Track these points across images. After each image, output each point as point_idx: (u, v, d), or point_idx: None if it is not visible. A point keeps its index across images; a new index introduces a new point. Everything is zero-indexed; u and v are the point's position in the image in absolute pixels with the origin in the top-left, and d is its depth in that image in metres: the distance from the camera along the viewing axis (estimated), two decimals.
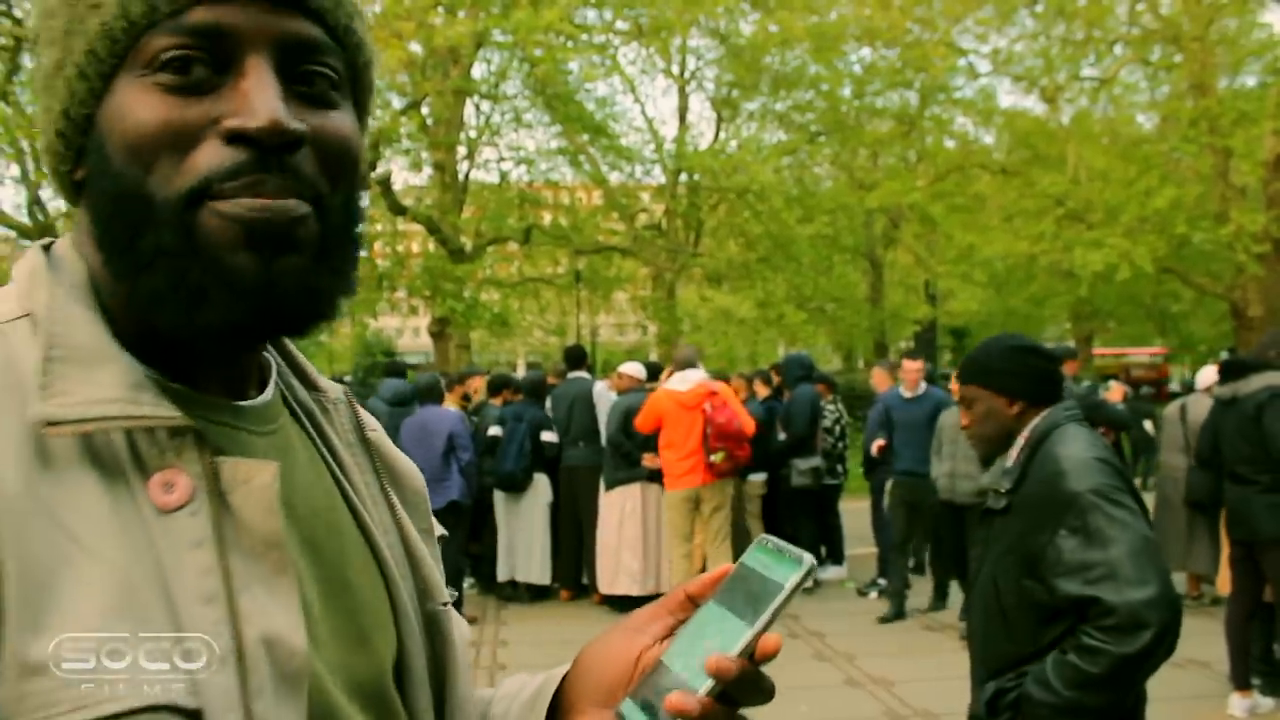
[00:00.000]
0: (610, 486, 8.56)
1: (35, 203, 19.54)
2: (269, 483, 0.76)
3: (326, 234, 0.80)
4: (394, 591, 0.92)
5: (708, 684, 0.80)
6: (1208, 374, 8.45)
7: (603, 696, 0.91)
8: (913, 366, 8.61)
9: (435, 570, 0.98)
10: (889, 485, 8.90)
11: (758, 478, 9.22)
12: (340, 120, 0.82)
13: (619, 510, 8.50)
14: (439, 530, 1.06)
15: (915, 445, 8.34)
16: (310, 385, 0.99)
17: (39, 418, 0.70)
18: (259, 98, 0.74)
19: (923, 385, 8.60)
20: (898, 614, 8.19)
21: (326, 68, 0.81)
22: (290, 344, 0.99)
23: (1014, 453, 2.76)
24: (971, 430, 2.86)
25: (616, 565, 8.52)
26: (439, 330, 19.14)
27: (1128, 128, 22.07)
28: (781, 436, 9.10)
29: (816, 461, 9.01)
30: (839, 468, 9.56)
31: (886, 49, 21.87)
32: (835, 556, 9.63)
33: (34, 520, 0.67)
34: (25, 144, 17.94)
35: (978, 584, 2.81)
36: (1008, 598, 2.62)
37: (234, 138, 0.74)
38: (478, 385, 10.27)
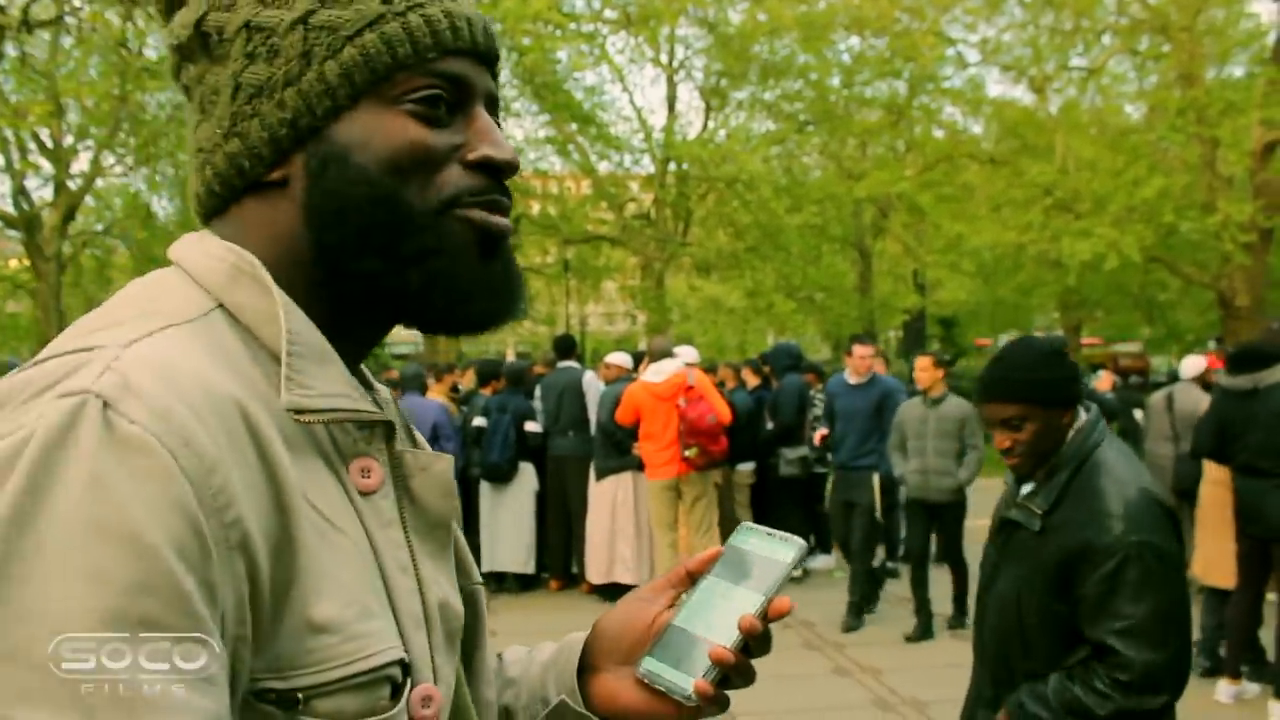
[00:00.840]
0: (601, 476, 8.57)
1: (20, 192, 19.44)
2: (445, 470, 0.92)
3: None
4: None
5: (735, 638, 0.97)
6: (1193, 363, 8.43)
7: (622, 656, 1.07)
8: (864, 352, 8.21)
9: (468, 550, 1.08)
10: (830, 480, 8.64)
11: (746, 467, 9.24)
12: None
13: (610, 499, 8.51)
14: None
15: (856, 436, 8.04)
16: (367, 385, 1.05)
17: (291, 405, 0.80)
18: (498, 136, 0.93)
19: (871, 373, 8.25)
20: (853, 626, 7.76)
21: (497, 105, 0.98)
22: None
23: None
24: (1020, 450, 2.58)
25: (610, 555, 8.52)
26: None
27: (1116, 118, 22.11)
28: (770, 426, 9.11)
29: (804, 451, 9.02)
30: (827, 457, 9.55)
31: (875, 38, 21.87)
32: (823, 546, 9.65)
33: (304, 505, 0.78)
34: (10, 133, 17.84)
35: (992, 596, 2.70)
36: (1030, 616, 2.53)
37: (480, 165, 0.91)
38: (467, 376, 10.27)
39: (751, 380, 10.13)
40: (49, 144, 18.89)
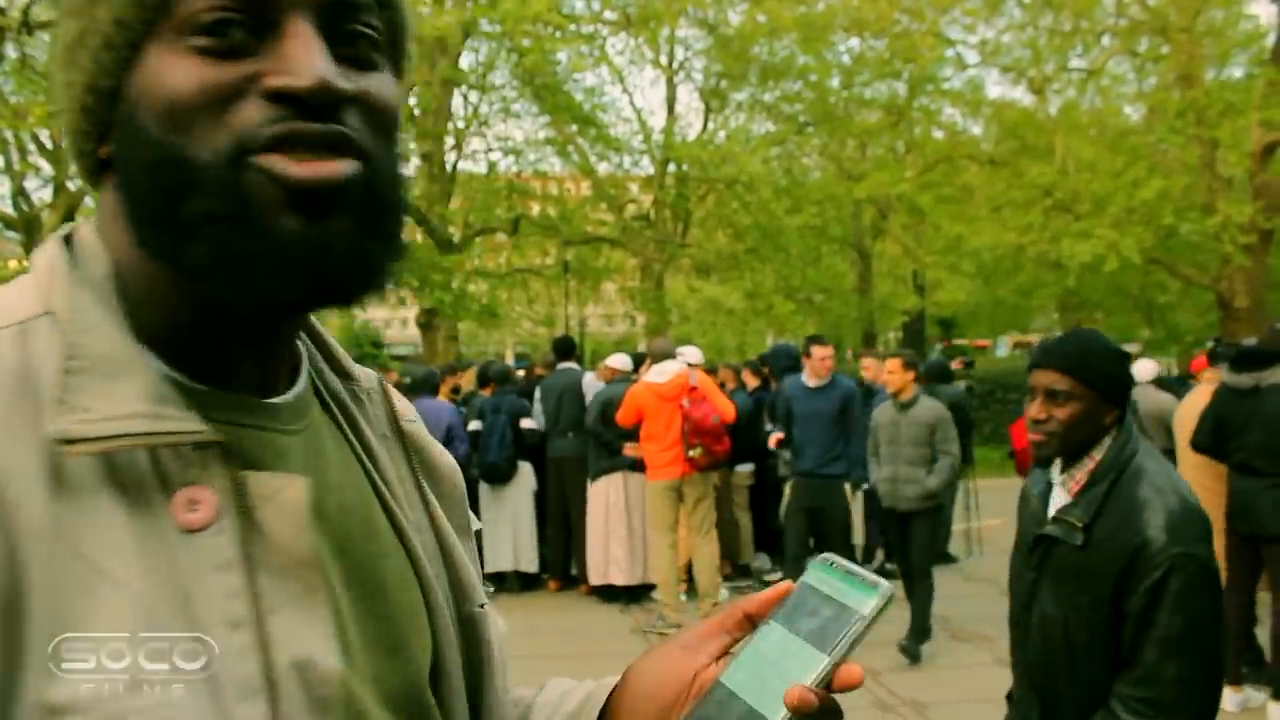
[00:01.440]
0: (594, 477, 8.58)
1: (19, 193, 19.44)
2: (298, 498, 0.73)
3: (374, 198, 0.76)
4: (429, 594, 0.88)
5: (783, 714, 0.76)
6: (1146, 367, 8.72)
7: (654, 717, 0.87)
8: (823, 353, 7.85)
9: (472, 570, 0.95)
10: (788, 486, 8.29)
11: (745, 468, 9.24)
12: (384, 82, 0.79)
13: (604, 501, 8.52)
14: (475, 524, 1.02)
15: (820, 442, 7.72)
16: (343, 374, 0.94)
17: (57, 435, 0.66)
18: (304, 57, 0.71)
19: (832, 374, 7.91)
20: None
21: (369, 28, 0.77)
22: (323, 330, 0.94)
23: (1080, 475, 2.52)
24: (1052, 428, 2.50)
25: (606, 556, 8.53)
26: (427, 321, 19.11)
27: (1115, 119, 22.10)
28: (769, 427, 9.11)
29: None
30: None
31: (874, 39, 21.87)
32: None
33: (56, 549, 0.64)
34: (9, 134, 17.84)
35: (1035, 616, 2.58)
36: (1078, 635, 2.43)
37: (277, 97, 0.71)
38: (467, 376, 10.31)
39: (751, 382, 10.13)
40: (49, 145, 18.87)
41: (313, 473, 0.79)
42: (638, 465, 8.25)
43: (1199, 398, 6.53)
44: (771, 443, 8.56)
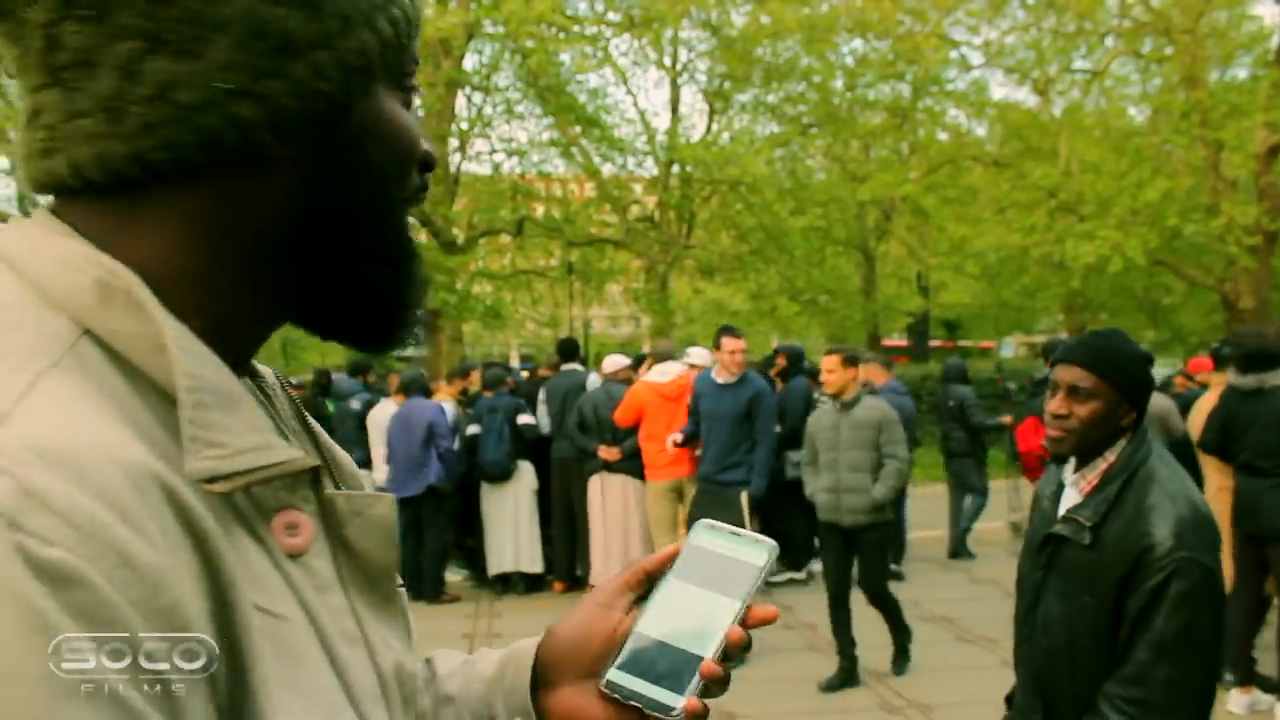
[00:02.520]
0: (586, 476, 8.62)
1: (25, 197, 19.47)
2: (386, 514, 0.76)
3: None
4: None
5: (716, 648, 0.87)
6: None
7: (583, 669, 0.93)
8: (734, 345, 7.14)
9: None
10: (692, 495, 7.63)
11: None
12: None
13: (599, 501, 8.54)
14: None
15: (720, 445, 7.12)
16: (251, 372, 0.88)
17: (201, 474, 0.63)
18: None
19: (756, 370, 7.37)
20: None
21: None
22: None
23: (1093, 476, 2.51)
24: (1071, 424, 2.49)
25: (605, 557, 8.54)
26: (431, 323, 19.12)
27: (1119, 120, 22.12)
28: (777, 429, 9.09)
29: None
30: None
31: (878, 41, 21.88)
32: None
33: (244, 593, 0.63)
34: (14, 135, 17.89)
35: (1039, 616, 2.58)
36: (1081, 637, 2.43)
37: (425, 165, 0.82)
38: (473, 378, 10.34)
39: None
40: None
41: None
42: (614, 467, 8.27)
43: (1211, 399, 6.54)
44: (669, 445, 7.74)
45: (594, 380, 9.31)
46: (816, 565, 9.44)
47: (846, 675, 6.51)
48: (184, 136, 0.67)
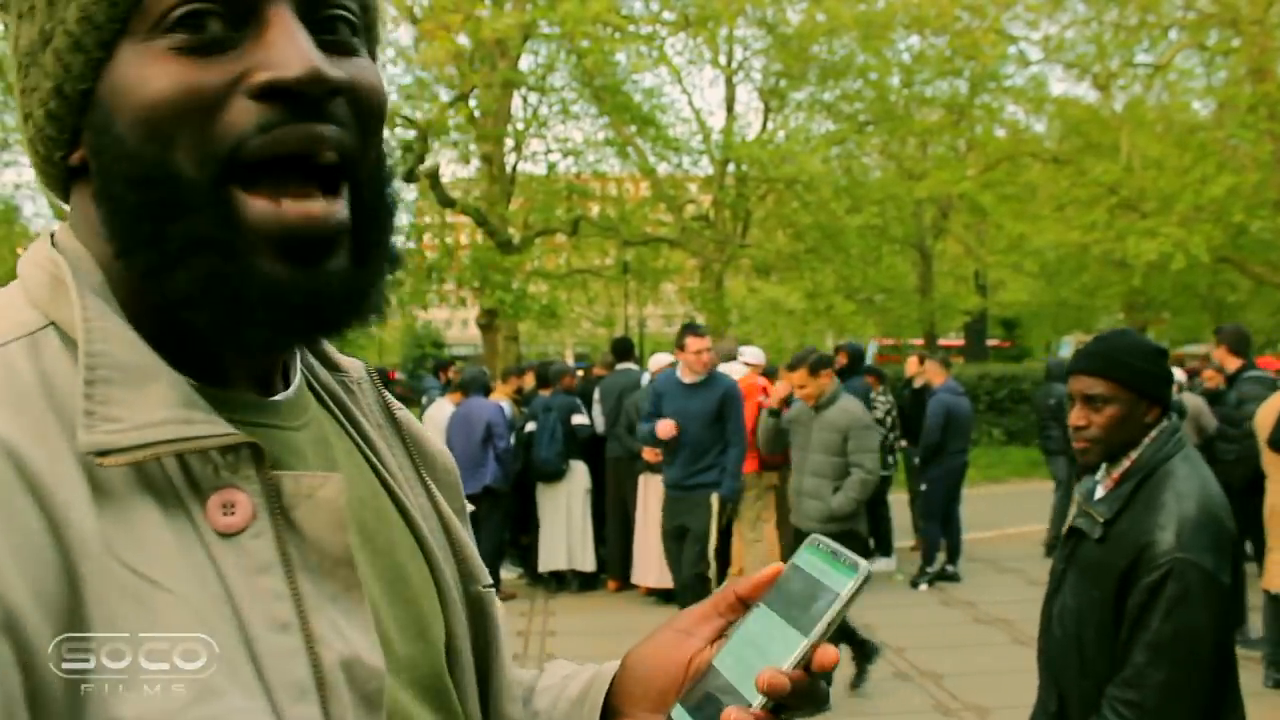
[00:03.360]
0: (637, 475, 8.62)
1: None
2: (334, 496, 0.72)
3: (365, 218, 0.75)
4: (439, 576, 0.88)
5: (759, 699, 0.79)
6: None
7: (653, 701, 0.90)
8: (698, 344, 6.76)
9: (475, 551, 0.94)
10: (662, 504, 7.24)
11: None
12: (369, 68, 0.76)
13: (643, 500, 8.55)
14: (469, 508, 1.02)
15: (691, 448, 6.71)
16: (331, 366, 0.93)
17: (90, 448, 0.64)
18: (291, 46, 0.68)
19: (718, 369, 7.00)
20: None
21: (347, 11, 0.74)
22: None
23: (1116, 473, 2.52)
24: (1093, 433, 2.50)
25: (645, 556, 8.56)
26: (487, 322, 19.24)
27: (1183, 114, 21.72)
28: None
29: None
30: (889, 459, 9.47)
31: (935, 37, 21.68)
32: (885, 549, 9.58)
33: (108, 563, 0.62)
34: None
35: (1056, 605, 2.61)
36: (1088, 630, 2.46)
37: (266, 92, 0.68)
38: (528, 377, 10.41)
39: None
40: None
41: (325, 465, 0.80)
42: (654, 468, 7.83)
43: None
44: (648, 456, 7.46)
45: (647, 379, 9.34)
46: (875, 565, 9.39)
47: (863, 663, 6.13)
48: (33, 160, 0.75)
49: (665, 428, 6.73)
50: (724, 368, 7.98)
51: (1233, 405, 7.04)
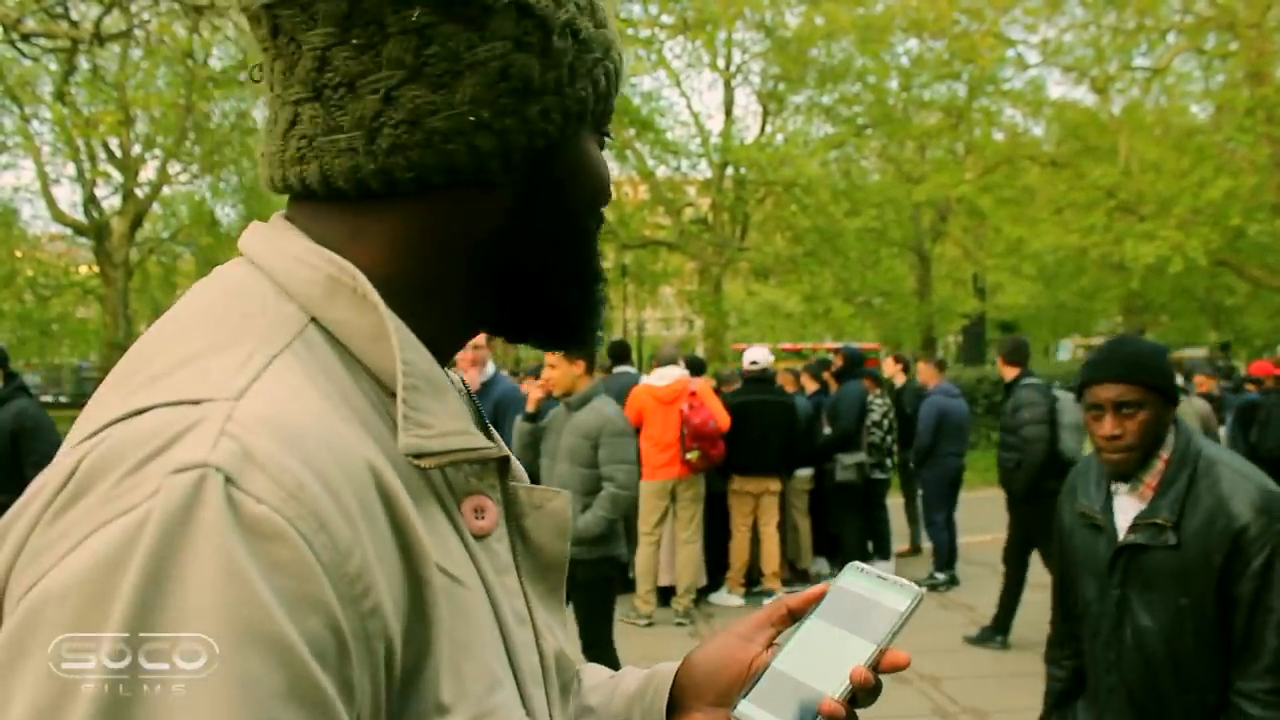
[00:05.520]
0: None
1: (90, 201, 19.89)
2: (563, 508, 0.84)
3: None
4: None
5: (845, 688, 0.89)
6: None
7: (716, 697, 0.97)
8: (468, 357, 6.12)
9: None
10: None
11: (804, 473, 9.19)
12: None
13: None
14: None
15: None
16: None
17: (411, 449, 0.70)
18: None
19: (490, 369, 6.35)
20: None
21: None
22: None
23: (1151, 478, 2.43)
24: (1129, 442, 2.40)
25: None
26: None
27: (1181, 118, 21.76)
28: (828, 431, 9.07)
29: (861, 456, 8.95)
30: (886, 462, 9.46)
31: (934, 40, 21.73)
32: (882, 552, 9.58)
33: (434, 571, 0.69)
34: (81, 143, 18.27)
35: (1127, 632, 2.46)
36: (1183, 641, 2.35)
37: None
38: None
39: (810, 386, 10.09)
40: (118, 153, 19.25)
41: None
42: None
43: None
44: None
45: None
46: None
47: None
48: (428, 159, 0.75)
49: None
50: (661, 372, 8.07)
51: (1009, 413, 7.15)
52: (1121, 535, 2.46)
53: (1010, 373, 7.39)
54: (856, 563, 1.00)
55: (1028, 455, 6.75)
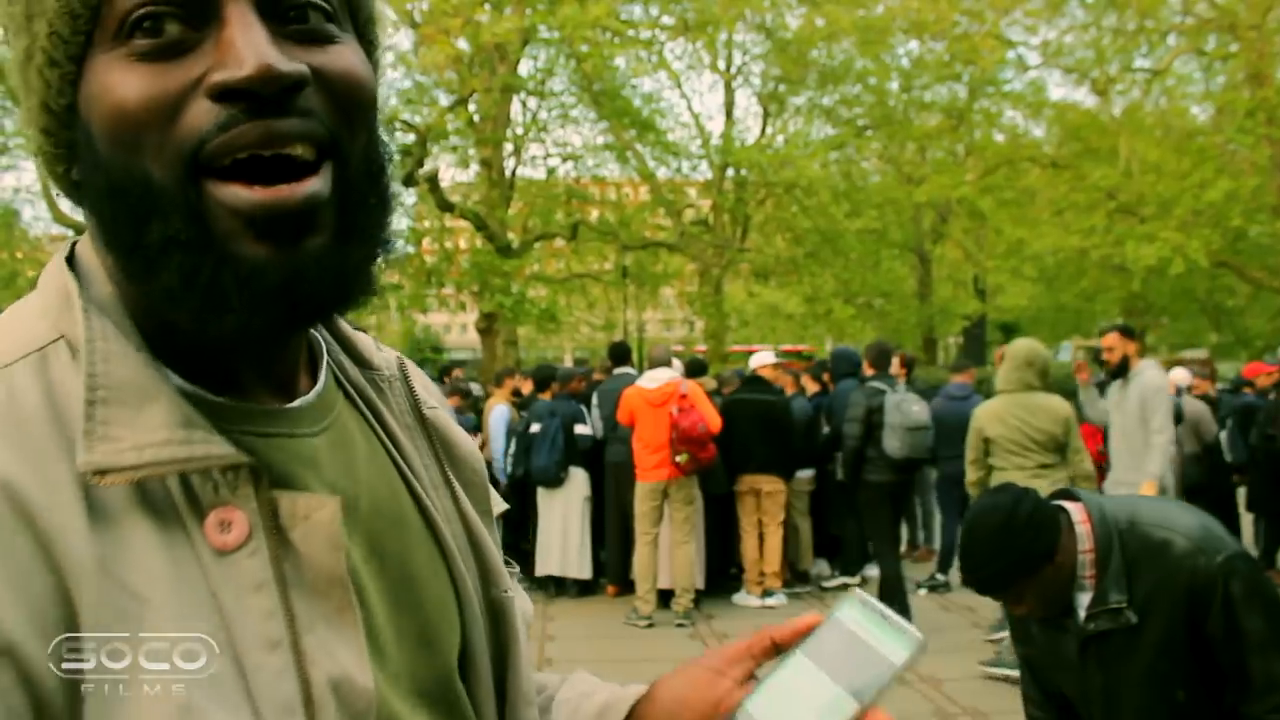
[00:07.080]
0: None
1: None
2: (331, 519, 0.72)
3: (349, 198, 0.73)
4: (459, 582, 0.88)
5: None
6: (1180, 375, 9.24)
7: None
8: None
9: (498, 555, 0.93)
10: None
11: (805, 474, 9.19)
12: (342, 54, 0.73)
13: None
14: (500, 507, 1.00)
15: None
16: (363, 363, 0.92)
17: (89, 467, 0.64)
18: (243, 44, 0.66)
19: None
20: None
21: None
22: (340, 320, 0.92)
23: (1088, 570, 2.43)
24: (1042, 611, 2.52)
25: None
26: (487, 326, 19.25)
27: (1181, 119, 21.76)
28: (827, 431, 9.07)
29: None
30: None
31: (934, 42, 21.71)
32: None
33: (101, 581, 0.63)
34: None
35: (1124, 707, 2.47)
36: (1175, 700, 2.39)
37: (222, 94, 0.66)
38: (529, 381, 10.37)
39: (811, 387, 10.09)
40: None
41: (342, 470, 0.80)
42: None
43: None
44: None
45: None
46: (872, 570, 9.40)
47: None
48: (35, 149, 0.75)
49: None
50: (652, 373, 8.08)
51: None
52: (1081, 621, 2.46)
53: (869, 373, 7.95)
54: (860, 592, 0.88)
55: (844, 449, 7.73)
